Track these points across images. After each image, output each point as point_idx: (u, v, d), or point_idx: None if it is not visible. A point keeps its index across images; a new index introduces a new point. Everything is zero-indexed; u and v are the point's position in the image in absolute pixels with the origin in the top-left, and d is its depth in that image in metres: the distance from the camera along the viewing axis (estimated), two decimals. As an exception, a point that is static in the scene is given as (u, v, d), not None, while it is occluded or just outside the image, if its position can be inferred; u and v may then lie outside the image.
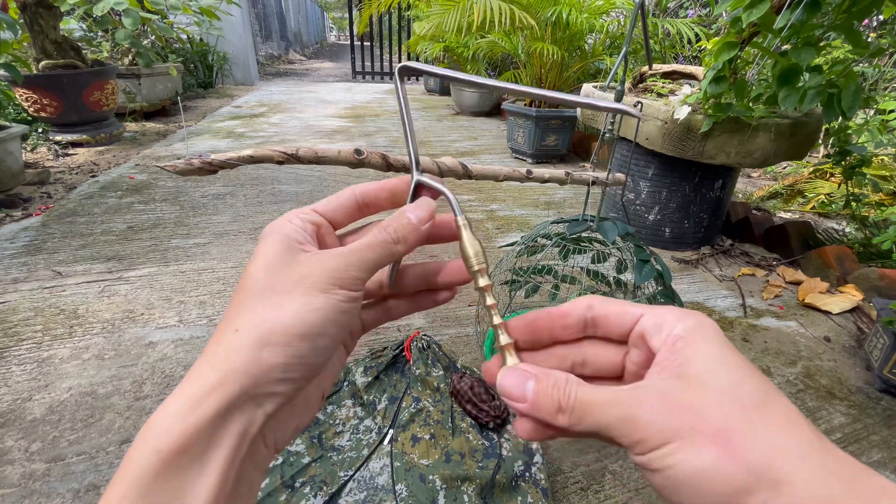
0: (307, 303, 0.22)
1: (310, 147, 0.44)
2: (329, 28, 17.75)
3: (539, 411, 0.21)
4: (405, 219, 0.25)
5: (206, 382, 0.20)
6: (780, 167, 2.75)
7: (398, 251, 0.25)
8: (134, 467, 0.18)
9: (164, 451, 0.18)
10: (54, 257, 1.49)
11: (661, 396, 0.19)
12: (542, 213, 2.04)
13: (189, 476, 0.19)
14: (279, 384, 0.21)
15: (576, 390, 0.21)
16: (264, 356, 0.20)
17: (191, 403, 0.20)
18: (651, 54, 1.99)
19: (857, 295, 1.41)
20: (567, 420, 0.21)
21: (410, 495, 0.75)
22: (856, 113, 1.21)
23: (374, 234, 0.25)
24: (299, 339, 0.21)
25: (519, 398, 0.22)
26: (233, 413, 0.20)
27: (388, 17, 6.48)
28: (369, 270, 0.24)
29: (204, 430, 0.19)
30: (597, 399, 0.20)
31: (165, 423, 0.19)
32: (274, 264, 0.23)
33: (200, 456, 0.19)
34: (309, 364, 0.22)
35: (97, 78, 2.61)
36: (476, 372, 1.00)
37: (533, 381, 0.22)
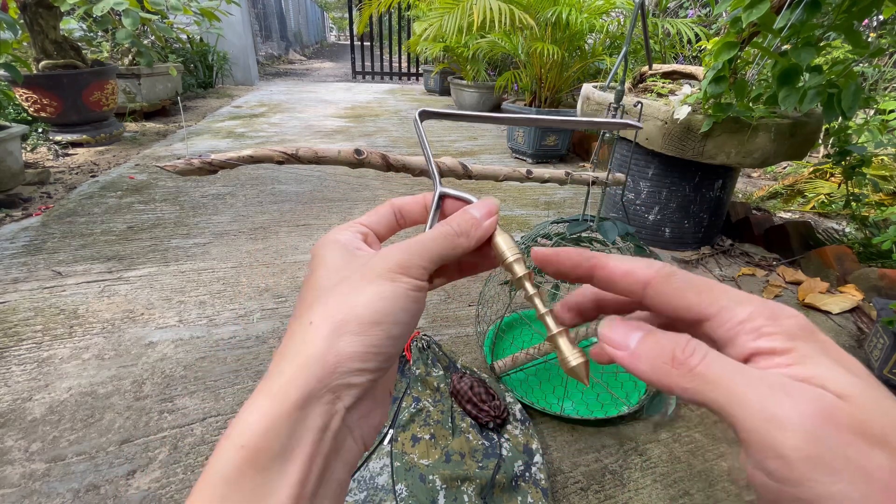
0: (377, 291, 0.22)
1: (310, 147, 0.44)
2: (329, 28, 17.75)
3: (639, 361, 0.19)
4: (468, 214, 0.26)
5: (284, 376, 0.20)
6: (780, 167, 2.75)
7: (460, 244, 0.25)
8: (218, 465, 0.19)
9: (246, 446, 0.19)
10: (54, 257, 1.49)
11: (816, 408, 0.15)
12: (542, 213, 2.04)
13: (271, 472, 0.19)
14: (356, 374, 0.21)
15: (706, 350, 0.18)
16: (340, 345, 0.21)
17: (270, 398, 0.20)
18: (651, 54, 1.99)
19: (857, 295, 1.41)
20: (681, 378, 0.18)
21: (410, 495, 0.75)
22: (856, 113, 1.21)
23: (437, 227, 0.25)
24: (372, 327, 0.21)
25: (620, 346, 0.20)
26: (312, 405, 0.20)
27: (388, 17, 6.48)
28: (433, 261, 0.24)
29: (284, 423, 0.19)
30: (734, 370, 0.17)
31: (247, 419, 0.19)
32: (338, 264, 0.24)
33: (282, 451, 0.19)
34: (384, 353, 0.22)
35: (97, 78, 2.61)
36: (476, 372, 1.00)
37: (640, 332, 0.20)
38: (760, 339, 0.17)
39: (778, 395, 0.16)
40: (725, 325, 0.18)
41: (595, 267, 0.22)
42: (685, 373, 0.18)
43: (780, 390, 0.16)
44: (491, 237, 0.26)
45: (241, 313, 1.26)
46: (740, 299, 0.19)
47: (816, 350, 0.17)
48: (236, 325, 1.22)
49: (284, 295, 1.35)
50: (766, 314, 0.18)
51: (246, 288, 1.38)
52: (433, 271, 0.25)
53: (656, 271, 0.21)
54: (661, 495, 0.83)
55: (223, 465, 0.18)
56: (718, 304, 0.19)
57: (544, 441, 0.92)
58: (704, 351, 0.18)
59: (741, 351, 0.18)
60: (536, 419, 0.97)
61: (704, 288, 0.19)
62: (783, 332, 0.17)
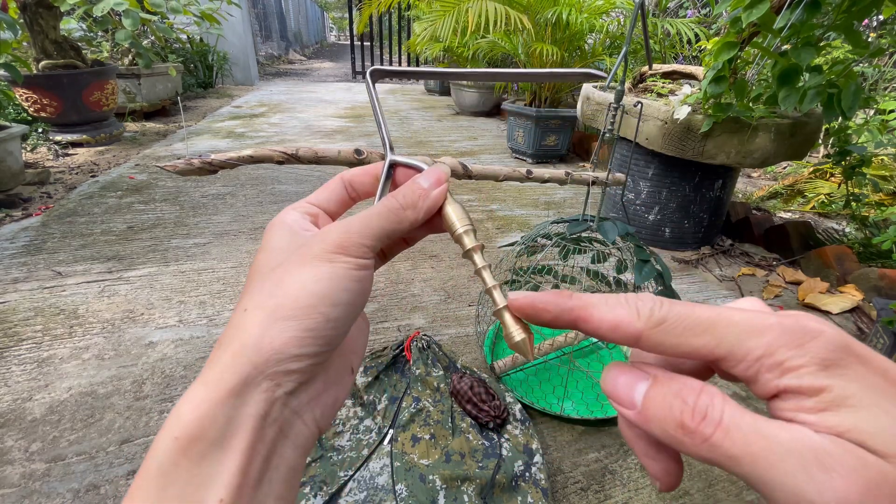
0: (313, 273, 0.21)
1: (310, 147, 0.44)
2: (329, 28, 17.75)
3: (650, 424, 0.17)
4: (415, 184, 0.24)
5: (219, 365, 0.20)
6: (780, 167, 2.75)
7: (407, 217, 0.24)
8: (154, 456, 0.18)
9: (180, 437, 0.18)
10: (54, 257, 1.49)
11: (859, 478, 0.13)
12: (542, 213, 2.04)
13: (208, 461, 0.18)
14: (294, 360, 0.20)
15: (721, 409, 0.15)
16: (274, 331, 0.20)
17: (204, 386, 0.19)
18: (651, 54, 1.99)
19: (857, 295, 1.41)
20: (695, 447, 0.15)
21: (410, 495, 0.75)
22: (856, 113, 1.21)
23: (382, 201, 0.24)
24: (308, 311, 0.20)
25: (626, 403, 0.18)
26: (248, 392, 0.19)
27: (388, 17, 6.48)
28: (377, 238, 0.23)
29: (218, 411, 0.18)
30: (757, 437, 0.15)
31: (181, 409, 0.19)
32: (278, 248, 0.23)
33: (219, 440, 0.18)
34: (323, 337, 0.21)
35: (97, 78, 2.61)
36: (476, 372, 1.00)
37: (647, 384, 0.17)
38: (785, 376, 0.15)
39: (811, 470, 0.13)
40: (741, 364, 0.16)
41: (578, 319, 0.19)
42: (699, 443, 0.15)
43: (812, 463, 0.14)
44: (441, 207, 0.25)
45: (241, 313, 1.26)
46: (752, 329, 0.16)
47: (854, 381, 0.14)
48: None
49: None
50: (786, 341, 0.15)
51: (246, 288, 1.38)
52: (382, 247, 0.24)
53: (645, 321, 0.17)
54: (662, 495, 0.83)
55: (159, 457, 0.18)
56: (727, 343, 0.16)
57: (544, 441, 0.92)
58: (719, 412, 0.15)
59: (766, 390, 0.15)
60: (536, 419, 0.97)
61: (705, 325, 0.16)
62: (812, 363, 0.15)
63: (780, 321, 0.16)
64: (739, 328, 0.16)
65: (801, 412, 0.15)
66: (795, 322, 0.15)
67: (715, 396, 0.16)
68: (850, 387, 0.14)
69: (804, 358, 0.15)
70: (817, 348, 0.15)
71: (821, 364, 0.15)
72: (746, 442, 0.14)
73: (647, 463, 0.19)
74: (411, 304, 1.34)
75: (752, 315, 0.16)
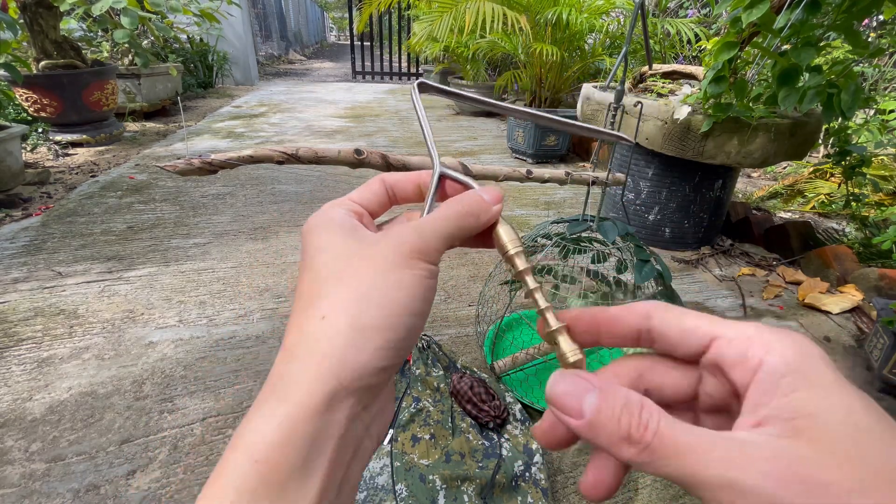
0: (395, 280, 0.20)
1: (310, 147, 0.44)
2: (329, 28, 17.75)
3: (598, 435, 0.17)
4: (476, 195, 0.24)
5: (297, 380, 0.18)
6: (780, 167, 2.75)
7: (470, 224, 0.23)
8: (229, 481, 0.16)
9: (262, 461, 0.16)
10: (54, 257, 1.49)
11: (781, 464, 0.14)
12: (542, 213, 2.04)
13: (289, 488, 0.17)
14: (377, 374, 0.19)
15: (658, 419, 0.16)
16: (360, 343, 0.18)
17: (285, 404, 0.17)
18: (651, 54, 1.99)
19: (857, 295, 1.41)
20: (636, 455, 0.16)
21: (410, 495, 0.75)
22: (855, 113, 1.21)
23: (446, 206, 0.23)
24: (393, 320, 0.19)
25: (573, 412, 0.18)
26: (333, 411, 0.18)
27: (388, 17, 6.48)
28: (445, 242, 0.22)
29: (303, 433, 0.17)
30: (686, 441, 0.16)
31: (261, 428, 0.17)
32: (340, 248, 0.21)
33: (302, 464, 0.17)
34: (404, 348, 0.20)
35: (97, 78, 2.61)
36: (476, 372, 1.00)
37: (595, 395, 0.18)
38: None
39: (734, 457, 0.15)
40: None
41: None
42: (640, 450, 0.16)
43: (737, 452, 0.15)
44: (494, 225, 0.25)
45: (240, 313, 1.26)
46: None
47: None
48: (236, 325, 1.21)
49: (284, 295, 1.35)
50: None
51: (246, 288, 1.38)
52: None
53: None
54: (661, 495, 0.83)
55: (236, 483, 0.16)
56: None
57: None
58: (656, 422, 0.16)
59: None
60: (536, 419, 0.97)
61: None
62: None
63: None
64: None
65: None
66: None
67: (653, 409, 0.17)
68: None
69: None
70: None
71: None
72: (676, 443, 0.16)
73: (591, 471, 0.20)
74: (411, 304, 1.34)
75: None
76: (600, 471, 0.19)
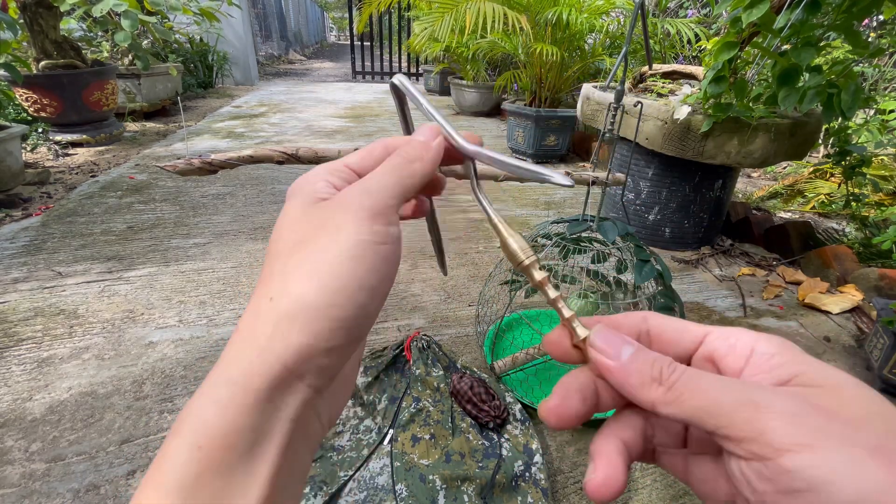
0: (345, 250, 0.18)
1: (310, 147, 0.44)
2: (329, 28, 17.75)
3: (630, 376, 0.19)
4: (413, 140, 0.23)
5: (244, 362, 0.17)
6: (780, 167, 2.75)
7: (417, 170, 0.22)
8: (171, 468, 0.16)
9: (205, 447, 0.16)
10: (54, 257, 1.49)
11: (793, 394, 0.16)
12: (542, 213, 2.04)
13: (236, 474, 0.16)
14: (325, 355, 0.18)
15: (683, 369, 0.18)
16: (303, 324, 0.17)
17: (229, 388, 0.17)
18: (651, 54, 1.99)
19: (857, 295, 1.41)
20: (662, 394, 0.18)
21: (410, 495, 0.75)
22: (856, 113, 1.21)
23: (386, 161, 0.22)
24: (339, 297, 0.18)
25: (612, 355, 0.19)
26: (281, 395, 0.17)
27: (388, 17, 6.48)
28: (398, 197, 0.21)
29: (248, 418, 0.16)
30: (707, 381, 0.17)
31: (204, 413, 0.16)
32: (299, 219, 0.20)
33: (248, 450, 0.16)
34: (354, 326, 0.19)
35: (97, 78, 2.61)
36: (476, 372, 1.00)
37: (633, 347, 0.19)
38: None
39: (754, 390, 0.16)
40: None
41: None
42: (666, 390, 0.18)
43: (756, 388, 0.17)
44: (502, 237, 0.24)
45: (240, 313, 1.26)
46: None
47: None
48: (236, 325, 1.21)
49: (284, 295, 1.35)
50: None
51: (246, 288, 1.38)
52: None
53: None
54: (662, 495, 0.83)
55: (178, 469, 0.16)
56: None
57: (544, 441, 0.92)
58: (682, 371, 0.18)
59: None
60: (536, 419, 0.97)
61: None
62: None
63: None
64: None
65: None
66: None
67: (679, 364, 0.19)
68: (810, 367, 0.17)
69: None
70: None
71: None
72: (699, 382, 0.17)
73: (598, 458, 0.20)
74: (411, 304, 1.34)
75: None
76: (609, 466, 0.19)
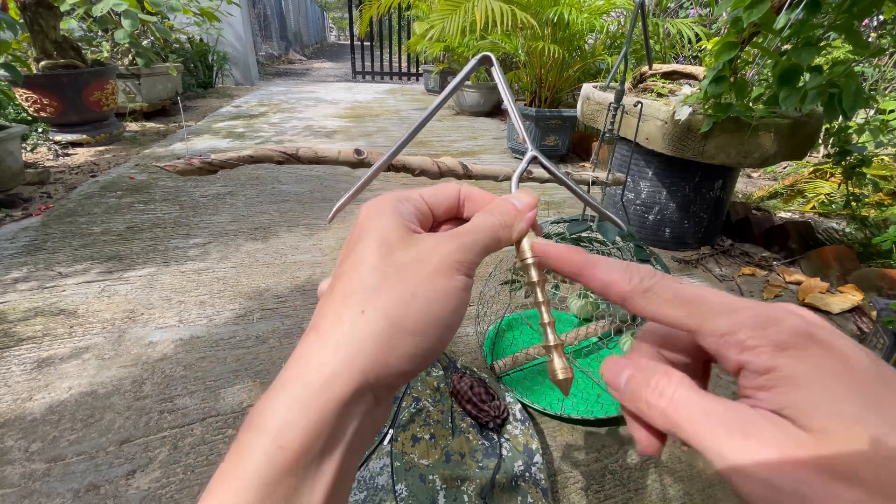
0: (437, 290, 0.20)
1: (310, 147, 0.44)
2: (329, 28, 17.75)
3: (630, 398, 0.20)
4: (509, 204, 0.24)
5: (328, 368, 0.18)
6: (780, 167, 2.75)
7: (504, 237, 0.23)
8: (253, 465, 0.17)
9: (287, 448, 0.17)
10: (54, 257, 1.49)
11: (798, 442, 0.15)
12: (542, 213, 2.04)
13: (308, 474, 0.17)
14: (400, 377, 0.19)
15: (675, 388, 0.18)
16: (393, 345, 0.19)
17: (311, 391, 0.17)
18: (651, 54, 1.99)
19: (857, 295, 1.41)
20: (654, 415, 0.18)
21: (410, 495, 0.75)
22: (856, 113, 1.21)
23: (481, 217, 0.23)
24: (429, 329, 0.19)
25: (615, 385, 0.20)
26: (356, 405, 0.18)
27: (388, 18, 6.47)
28: (482, 254, 0.22)
29: (328, 422, 0.17)
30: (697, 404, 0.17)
31: (286, 413, 0.17)
32: (388, 242, 0.21)
33: (322, 453, 0.17)
34: (431, 357, 0.20)
35: (97, 78, 2.61)
36: (476, 372, 1.00)
37: (628, 371, 0.20)
38: (744, 353, 0.16)
39: (734, 436, 0.16)
40: (708, 339, 0.18)
41: (581, 274, 0.21)
42: (657, 414, 0.18)
43: (737, 430, 0.16)
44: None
45: (241, 313, 1.26)
46: (724, 309, 0.17)
47: (806, 363, 0.15)
48: (236, 325, 1.21)
49: (284, 295, 1.35)
50: (751, 323, 0.17)
51: (246, 288, 1.38)
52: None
53: (633, 286, 0.19)
54: (662, 495, 0.83)
55: (259, 466, 0.16)
56: (700, 318, 0.18)
57: (544, 441, 0.92)
58: (672, 390, 0.18)
59: (729, 365, 0.17)
60: (536, 419, 0.97)
61: (683, 300, 0.18)
62: (769, 344, 0.16)
63: (750, 306, 0.17)
64: (711, 307, 0.18)
65: (753, 389, 0.16)
66: (764, 309, 0.17)
67: (672, 378, 0.19)
68: (799, 367, 0.15)
69: (762, 339, 0.16)
70: (776, 332, 0.16)
71: (776, 346, 0.16)
72: (689, 412, 0.17)
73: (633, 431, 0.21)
74: (411, 304, 1.34)
75: (728, 298, 0.18)
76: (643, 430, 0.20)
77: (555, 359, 0.23)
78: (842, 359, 0.15)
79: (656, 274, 0.19)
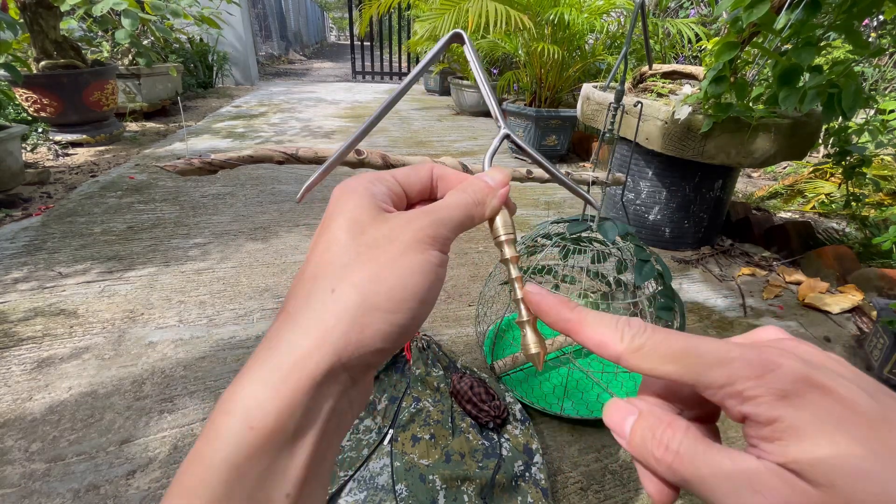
0: (410, 266, 0.20)
1: (310, 147, 0.44)
2: (329, 28, 17.75)
3: (637, 450, 0.19)
4: (481, 182, 0.24)
5: (298, 349, 0.18)
6: (780, 167, 2.75)
7: (477, 214, 0.23)
8: (222, 446, 0.16)
9: (258, 428, 0.16)
10: (54, 257, 1.49)
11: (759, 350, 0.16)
12: (542, 213, 2.04)
13: (281, 455, 0.17)
14: (376, 354, 0.19)
15: (680, 438, 0.18)
16: (366, 323, 0.18)
17: (282, 372, 0.17)
18: (651, 54, 1.99)
19: (857, 295, 1.41)
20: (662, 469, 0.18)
21: (410, 495, 0.75)
22: (856, 113, 1.21)
23: (453, 195, 0.23)
24: (402, 305, 0.19)
25: (619, 432, 0.20)
26: (329, 384, 0.18)
27: (388, 18, 6.47)
28: (457, 231, 0.22)
29: (300, 403, 0.17)
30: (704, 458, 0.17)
31: (256, 395, 0.17)
32: (364, 222, 0.21)
33: (294, 433, 0.17)
34: (406, 333, 0.20)
35: (97, 78, 2.61)
36: (476, 372, 1.00)
37: (633, 418, 0.20)
38: (745, 404, 0.16)
39: (742, 492, 0.16)
40: (707, 391, 0.17)
41: (571, 331, 0.21)
42: (664, 468, 0.18)
43: (745, 487, 0.16)
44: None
45: (241, 313, 1.26)
46: (718, 360, 0.17)
47: (808, 411, 0.15)
48: (236, 325, 1.21)
49: (284, 295, 1.35)
50: (747, 373, 0.16)
51: (246, 288, 1.38)
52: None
53: (625, 346, 0.19)
54: (661, 495, 0.83)
55: (229, 448, 0.16)
56: (695, 372, 0.17)
57: (544, 441, 0.92)
58: (678, 443, 0.18)
59: (734, 415, 0.17)
60: (536, 419, 0.97)
61: (675, 355, 0.18)
62: (768, 393, 0.16)
63: (742, 353, 0.17)
64: (704, 359, 0.17)
65: (759, 440, 0.16)
66: (757, 355, 0.17)
67: (678, 430, 0.18)
68: (801, 417, 0.15)
69: (760, 389, 0.16)
70: (774, 380, 0.16)
71: (777, 395, 0.16)
72: (696, 467, 0.17)
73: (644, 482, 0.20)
74: (411, 304, 1.34)
75: (720, 346, 0.17)
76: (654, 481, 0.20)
77: (528, 333, 0.23)
78: (842, 402, 0.15)
79: (647, 328, 0.19)
